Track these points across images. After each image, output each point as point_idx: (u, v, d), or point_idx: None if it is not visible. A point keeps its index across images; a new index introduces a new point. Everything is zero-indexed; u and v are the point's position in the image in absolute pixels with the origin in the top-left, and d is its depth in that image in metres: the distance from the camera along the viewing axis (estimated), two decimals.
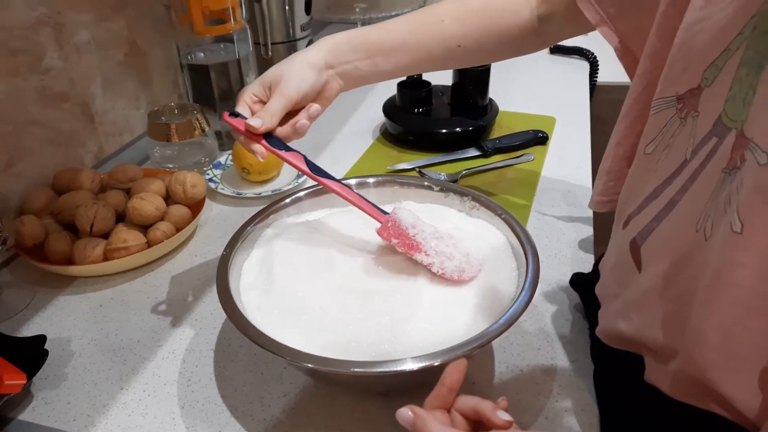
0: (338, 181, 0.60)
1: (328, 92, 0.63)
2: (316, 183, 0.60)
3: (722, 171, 0.38)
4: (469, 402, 0.40)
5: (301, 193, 0.66)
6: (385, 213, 0.58)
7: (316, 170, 0.59)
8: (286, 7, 1.05)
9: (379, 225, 0.57)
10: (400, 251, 0.56)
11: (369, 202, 0.59)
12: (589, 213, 0.79)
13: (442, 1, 0.66)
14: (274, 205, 0.64)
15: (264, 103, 0.60)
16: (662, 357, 0.44)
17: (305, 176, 0.86)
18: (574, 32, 0.65)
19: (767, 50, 0.35)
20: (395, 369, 0.45)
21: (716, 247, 0.38)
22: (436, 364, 0.45)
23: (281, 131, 0.59)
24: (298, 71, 0.60)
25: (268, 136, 0.58)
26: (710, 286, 0.38)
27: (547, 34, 0.65)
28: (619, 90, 1.29)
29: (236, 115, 0.59)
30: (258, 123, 0.57)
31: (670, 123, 0.46)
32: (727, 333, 0.37)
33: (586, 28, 0.61)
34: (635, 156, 0.51)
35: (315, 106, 0.61)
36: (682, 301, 0.41)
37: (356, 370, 0.45)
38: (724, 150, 0.38)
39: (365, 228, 0.63)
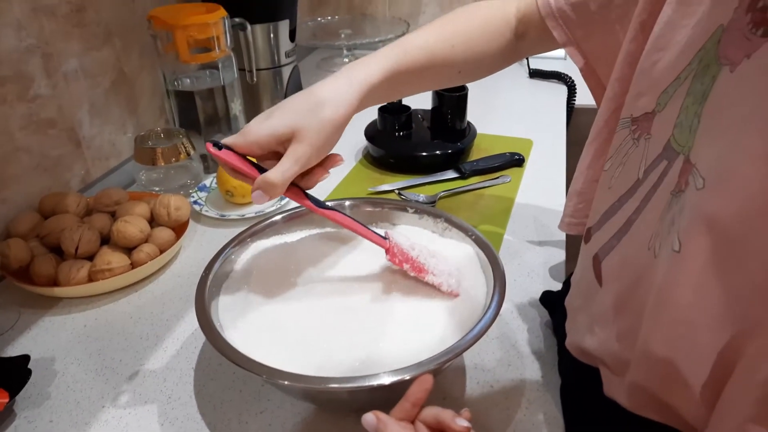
0: (339, 211, 0.58)
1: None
2: (295, 206, 0.63)
3: (670, 193, 0.40)
4: (430, 412, 0.42)
5: (278, 217, 0.68)
6: (384, 238, 0.59)
7: (316, 202, 0.57)
8: (271, 35, 1.09)
9: (382, 250, 0.58)
10: (411, 275, 0.58)
11: (369, 228, 0.59)
12: (561, 233, 0.82)
13: (444, 22, 0.64)
14: (254, 227, 0.66)
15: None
16: (618, 370, 0.46)
17: (286, 199, 0.89)
18: (544, 50, 0.67)
19: (710, 82, 0.38)
20: (368, 384, 0.47)
21: (661, 265, 0.40)
22: (407, 378, 0.47)
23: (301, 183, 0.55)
24: (325, 136, 0.52)
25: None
26: (655, 303, 0.40)
27: (519, 52, 0.67)
28: (596, 113, 1.33)
29: (220, 146, 0.53)
30: (277, 180, 0.51)
31: (624, 143, 0.48)
32: (671, 348, 0.39)
33: (554, 46, 0.63)
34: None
35: (339, 159, 0.57)
36: (635, 316, 0.43)
37: (331, 386, 0.47)
38: (672, 174, 0.41)
39: (340, 249, 0.65)
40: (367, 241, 0.59)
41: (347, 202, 0.70)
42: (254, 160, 0.55)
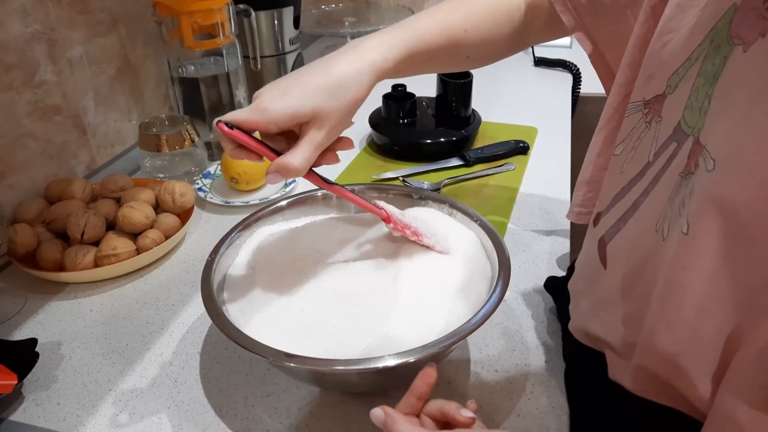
0: (344, 186, 0.59)
1: None
2: (300, 192, 0.63)
3: (679, 175, 0.40)
4: (435, 404, 0.43)
5: (283, 202, 0.68)
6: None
7: (323, 178, 0.56)
8: (275, 22, 1.08)
9: (380, 220, 0.61)
10: (412, 240, 0.61)
11: (370, 202, 0.60)
12: (566, 221, 0.81)
13: (455, 6, 0.62)
14: (259, 212, 0.66)
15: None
16: (623, 353, 0.46)
17: (291, 186, 0.89)
18: (550, 38, 0.66)
19: (721, 63, 0.38)
20: (374, 366, 0.47)
21: (669, 248, 0.40)
22: (412, 360, 0.47)
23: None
24: (343, 120, 0.52)
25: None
26: (662, 286, 0.40)
27: (526, 40, 0.66)
28: (601, 101, 1.32)
29: (231, 126, 0.50)
30: (300, 166, 0.50)
31: (636, 126, 0.48)
32: (677, 332, 0.39)
33: (562, 33, 0.63)
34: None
35: (350, 144, 0.57)
36: (641, 301, 0.43)
37: (337, 368, 0.47)
38: (682, 155, 0.40)
39: (346, 234, 0.65)
40: (373, 226, 0.60)
41: (354, 187, 0.70)
42: (258, 136, 0.53)
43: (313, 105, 0.50)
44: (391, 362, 0.47)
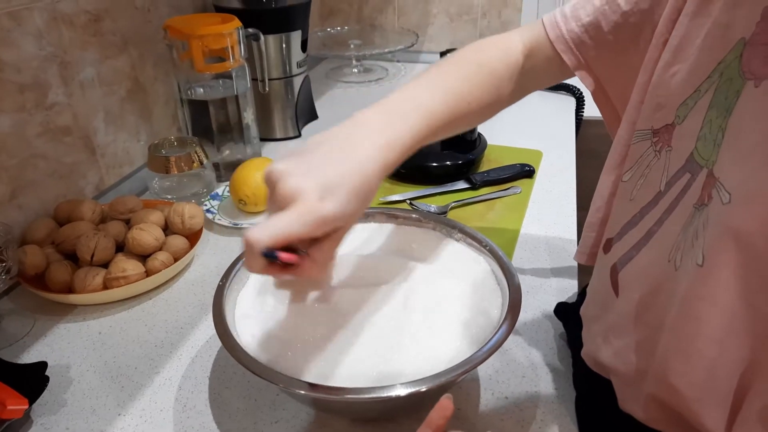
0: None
1: None
2: None
3: (693, 206, 0.41)
4: None
5: None
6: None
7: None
8: (283, 45, 1.10)
9: None
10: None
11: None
12: (573, 245, 0.82)
13: (456, 79, 0.58)
14: None
15: None
16: (634, 381, 0.46)
17: None
18: (550, 82, 0.64)
19: (734, 96, 0.38)
20: (385, 395, 0.47)
21: (683, 278, 0.40)
22: (423, 389, 0.47)
23: None
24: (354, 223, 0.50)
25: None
26: (677, 316, 0.40)
27: (526, 89, 0.64)
28: (604, 124, 1.33)
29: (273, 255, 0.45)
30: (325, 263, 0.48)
31: (645, 154, 0.49)
32: (692, 363, 0.39)
33: (562, 75, 0.61)
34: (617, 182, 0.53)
35: None
36: (653, 328, 0.43)
37: (348, 396, 0.47)
38: (696, 186, 0.41)
39: (358, 258, 0.65)
40: (386, 250, 0.62)
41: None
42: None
43: (352, 211, 0.46)
44: (402, 391, 0.47)
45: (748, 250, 0.35)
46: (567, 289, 0.74)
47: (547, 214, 0.89)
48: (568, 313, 0.67)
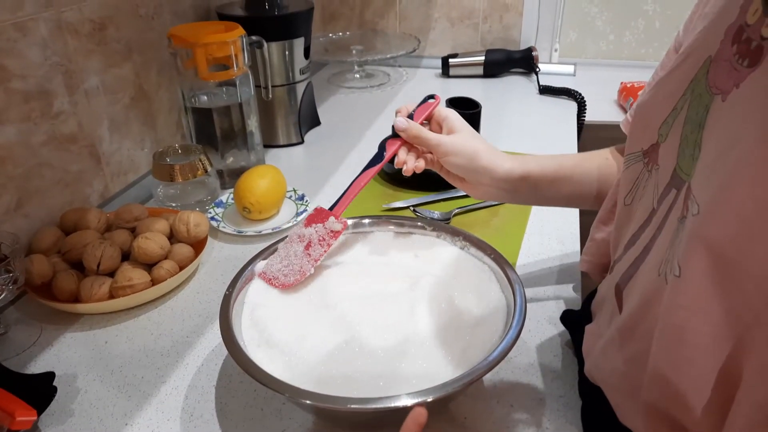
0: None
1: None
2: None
3: (678, 220, 0.42)
4: None
5: None
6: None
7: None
8: (286, 52, 1.10)
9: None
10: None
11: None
12: (577, 251, 0.82)
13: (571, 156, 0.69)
14: (275, 244, 0.67)
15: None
16: (631, 392, 0.47)
17: (302, 215, 0.89)
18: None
19: (704, 111, 0.40)
20: (391, 405, 0.47)
21: (667, 290, 0.41)
22: (429, 399, 0.47)
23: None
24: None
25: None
26: (662, 326, 0.41)
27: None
28: (605, 128, 1.33)
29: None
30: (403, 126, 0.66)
31: (640, 175, 0.51)
32: (680, 370, 0.40)
33: None
34: (617, 207, 0.55)
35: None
36: (645, 341, 0.44)
37: (353, 406, 0.48)
38: (679, 201, 0.42)
39: (364, 266, 0.66)
40: (391, 258, 0.64)
41: (366, 220, 0.71)
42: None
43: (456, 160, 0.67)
44: (408, 401, 0.47)
45: (719, 258, 0.36)
46: (571, 296, 0.74)
47: (551, 220, 0.90)
48: (574, 322, 0.67)
